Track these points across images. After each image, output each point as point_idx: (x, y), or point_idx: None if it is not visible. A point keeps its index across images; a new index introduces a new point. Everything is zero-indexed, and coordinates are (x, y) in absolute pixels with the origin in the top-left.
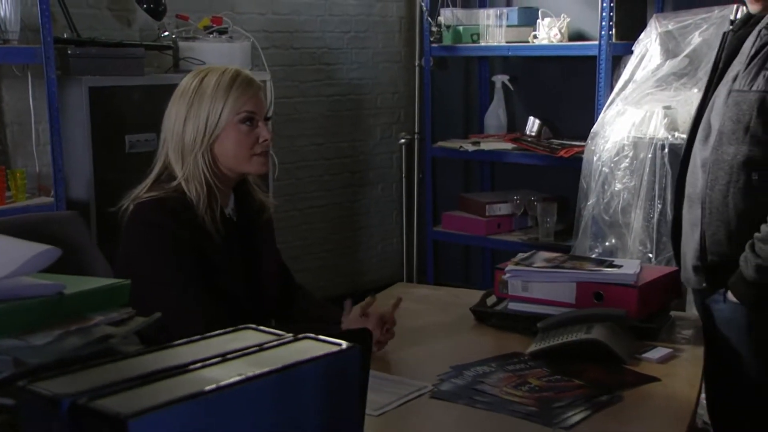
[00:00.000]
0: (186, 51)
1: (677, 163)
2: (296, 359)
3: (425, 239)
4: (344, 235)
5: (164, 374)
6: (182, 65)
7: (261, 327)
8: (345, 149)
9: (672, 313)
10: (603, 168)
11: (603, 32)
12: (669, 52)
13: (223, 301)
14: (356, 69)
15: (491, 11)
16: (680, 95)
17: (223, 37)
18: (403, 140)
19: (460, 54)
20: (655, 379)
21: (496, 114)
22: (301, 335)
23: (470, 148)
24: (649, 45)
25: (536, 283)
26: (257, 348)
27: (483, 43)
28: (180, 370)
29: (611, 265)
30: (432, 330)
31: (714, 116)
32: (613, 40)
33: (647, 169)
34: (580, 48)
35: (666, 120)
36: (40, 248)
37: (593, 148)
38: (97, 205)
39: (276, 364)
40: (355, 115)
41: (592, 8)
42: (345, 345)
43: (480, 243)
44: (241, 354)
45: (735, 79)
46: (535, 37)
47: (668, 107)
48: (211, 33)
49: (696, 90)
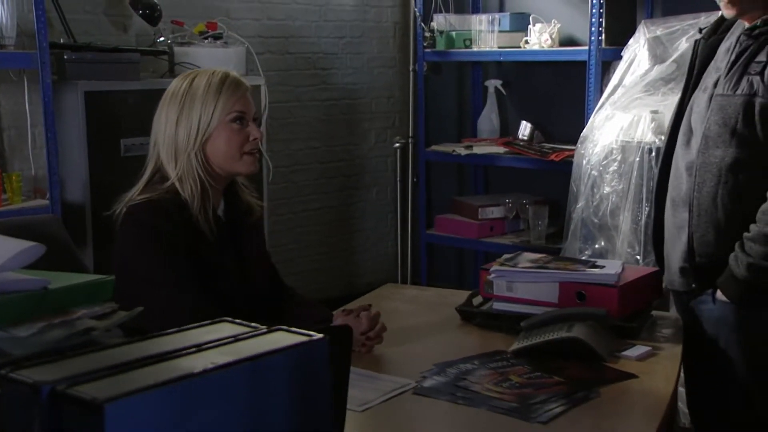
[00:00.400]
0: (181, 56)
1: None
2: (267, 349)
3: (419, 242)
4: (339, 238)
5: (141, 363)
6: (177, 70)
7: (237, 320)
8: (340, 153)
9: (653, 313)
10: (592, 171)
11: (593, 38)
12: (657, 58)
13: (216, 301)
14: (351, 74)
15: (483, 17)
16: (668, 100)
17: (218, 43)
18: (398, 144)
19: (453, 59)
20: (633, 376)
21: (489, 118)
22: (275, 327)
23: (463, 152)
24: (638, 50)
25: (520, 284)
26: (232, 339)
27: (475, 49)
28: (156, 359)
29: (594, 266)
30: (418, 329)
31: (695, 120)
32: (603, 46)
33: (635, 173)
34: (571, 53)
35: (653, 124)
36: (26, 245)
37: (583, 152)
38: (93, 208)
39: (248, 354)
40: (350, 120)
41: (583, 14)
42: (314, 336)
43: (472, 246)
44: (216, 345)
45: (716, 85)
46: (527, 43)
47: (655, 111)
48: (206, 38)
49: None
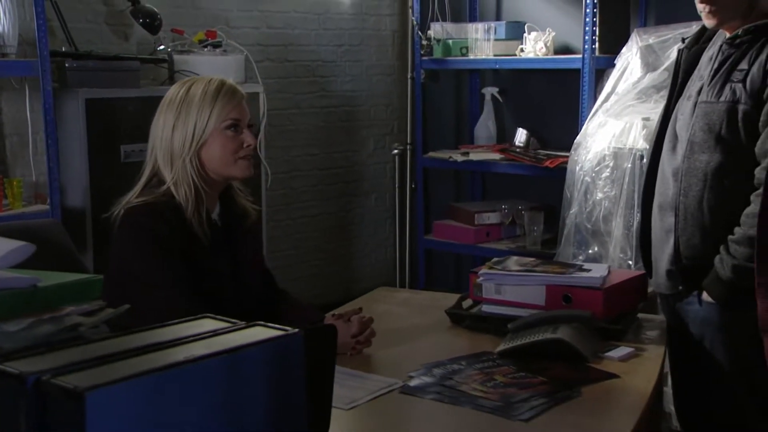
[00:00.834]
0: (181, 64)
1: None
2: (244, 342)
3: (417, 248)
4: (338, 244)
5: (123, 355)
6: (177, 78)
7: (219, 317)
8: (339, 160)
9: (640, 316)
10: (585, 177)
11: (586, 46)
12: (649, 66)
13: (210, 303)
14: (350, 81)
15: (480, 25)
16: (659, 107)
17: (217, 51)
18: (396, 151)
19: (450, 67)
20: (615, 376)
21: (486, 125)
22: (253, 322)
23: (459, 159)
24: (630, 58)
25: (508, 286)
26: (211, 333)
27: (472, 57)
28: (138, 352)
29: (580, 269)
30: (408, 331)
31: (680, 127)
32: (597, 54)
33: (627, 179)
34: (565, 61)
35: (644, 131)
36: (16, 244)
37: (576, 159)
38: (93, 213)
39: (225, 347)
40: (349, 127)
41: (577, 22)
42: (290, 331)
43: (469, 251)
44: (196, 338)
45: (700, 92)
46: (522, 51)
47: (647, 119)
48: (206, 46)
49: None
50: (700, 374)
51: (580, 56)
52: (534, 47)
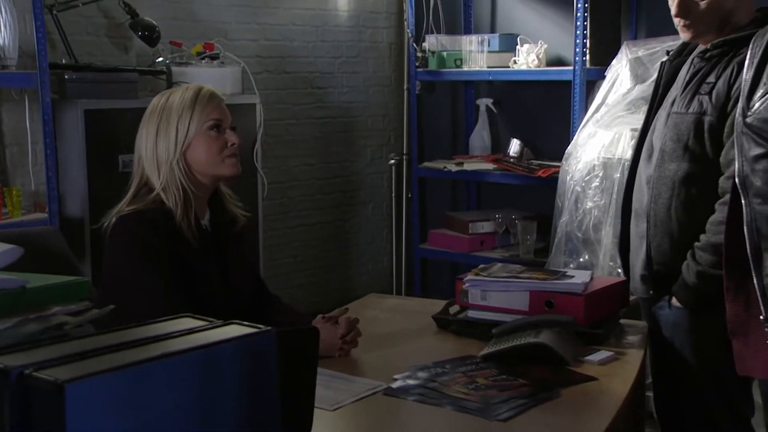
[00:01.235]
0: (179, 75)
1: None
2: (218, 339)
3: (413, 256)
4: (335, 253)
5: (103, 351)
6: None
7: (197, 316)
8: (336, 169)
9: (622, 321)
10: (576, 187)
11: (577, 58)
12: (638, 78)
13: (199, 307)
14: (347, 92)
15: (473, 37)
16: None
17: (215, 62)
18: (393, 161)
19: (444, 78)
20: (593, 379)
21: (481, 136)
22: (229, 321)
23: (454, 169)
24: (620, 70)
25: (493, 292)
26: (188, 331)
27: (466, 68)
28: (118, 348)
29: (563, 276)
30: (395, 336)
31: (656, 137)
32: (588, 66)
33: (616, 188)
34: (556, 73)
35: (633, 141)
36: (5, 247)
37: (567, 169)
38: (91, 221)
39: (200, 343)
40: (347, 137)
41: (569, 35)
42: (263, 328)
43: (464, 260)
44: (174, 336)
45: (673, 103)
46: (515, 63)
47: (636, 129)
48: (203, 58)
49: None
50: (673, 376)
51: (572, 68)
52: (526, 59)
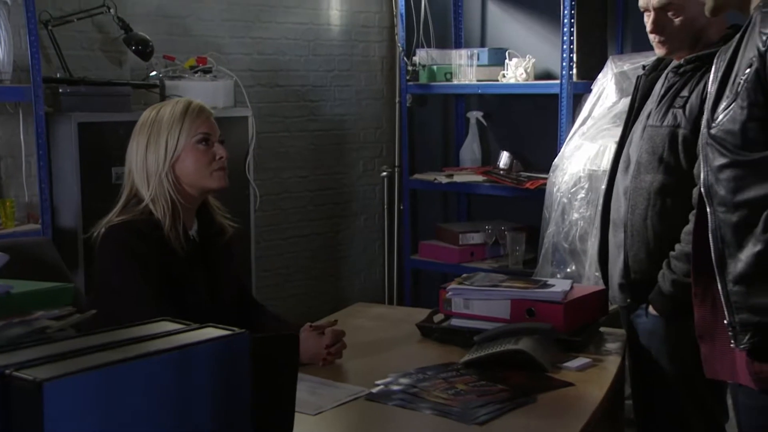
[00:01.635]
0: (172, 89)
1: None
2: (192, 341)
3: (404, 267)
4: (328, 264)
5: (82, 352)
6: None
7: (176, 319)
8: (329, 182)
9: (603, 329)
10: (562, 198)
11: (564, 72)
12: (623, 91)
13: (187, 316)
14: (339, 105)
15: (463, 51)
16: None
17: (208, 76)
18: (385, 173)
19: (435, 92)
20: (570, 384)
21: (471, 148)
22: (205, 324)
23: (444, 180)
24: (606, 84)
25: (476, 301)
26: (165, 333)
27: (456, 82)
28: (96, 349)
29: (544, 285)
30: (380, 344)
31: (632, 150)
32: (575, 80)
33: (601, 200)
34: (544, 86)
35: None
36: None
37: (554, 181)
38: (85, 232)
39: (175, 345)
40: (339, 149)
41: (557, 49)
42: (236, 331)
43: (454, 270)
44: (152, 338)
45: (649, 116)
46: (504, 76)
47: None
48: (196, 72)
49: None
50: (649, 382)
51: (559, 82)
52: (515, 73)
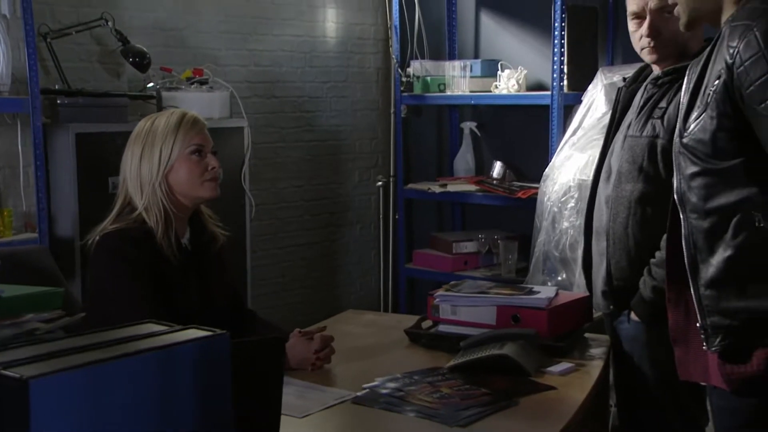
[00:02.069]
0: (168, 100)
1: None
2: (174, 341)
3: (399, 276)
4: (324, 272)
5: (68, 352)
6: None
7: (160, 321)
8: (324, 191)
9: (587, 335)
10: (552, 208)
11: (554, 83)
12: (612, 102)
13: (178, 321)
14: (335, 116)
15: (457, 63)
16: None
17: (204, 87)
18: (380, 183)
19: (428, 102)
20: (552, 388)
21: (465, 158)
22: (188, 326)
23: (437, 190)
24: (596, 95)
25: (462, 307)
26: (149, 334)
27: (449, 93)
28: (81, 349)
29: (530, 292)
30: (369, 349)
31: (614, 160)
32: (565, 91)
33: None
34: (535, 97)
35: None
36: None
37: (545, 190)
38: (82, 242)
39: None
40: (335, 159)
41: (549, 61)
42: (217, 332)
43: (448, 279)
44: (136, 338)
45: (629, 127)
46: (496, 87)
47: None
48: (193, 83)
49: None
50: (632, 386)
51: (550, 93)
52: (507, 84)
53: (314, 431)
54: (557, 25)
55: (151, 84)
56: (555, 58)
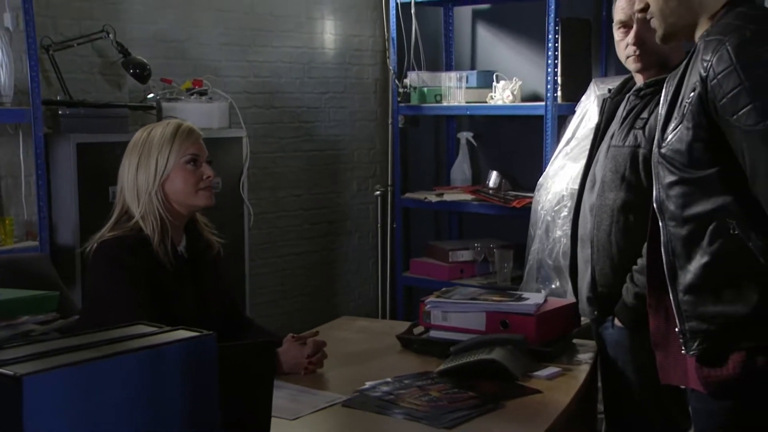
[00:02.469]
0: (168, 111)
1: None
2: (163, 341)
3: (396, 284)
4: (322, 281)
5: (60, 351)
6: None
7: (151, 323)
8: (323, 200)
9: (576, 340)
10: (546, 216)
11: (548, 94)
12: None
13: (174, 326)
14: (334, 126)
15: (453, 74)
16: None
17: (203, 98)
18: (378, 192)
19: (425, 113)
20: (538, 392)
21: (462, 168)
22: (177, 327)
23: (434, 199)
24: (589, 106)
25: (453, 313)
26: (140, 335)
27: (445, 103)
28: (74, 349)
29: (519, 298)
30: (361, 354)
31: (598, 169)
32: (559, 102)
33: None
34: (529, 108)
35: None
36: None
37: (538, 199)
38: (82, 250)
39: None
40: (333, 169)
41: (543, 72)
42: (204, 333)
43: (444, 287)
44: (126, 339)
45: (613, 137)
46: (492, 98)
47: None
48: (192, 94)
49: None
50: (617, 391)
51: (544, 104)
52: (502, 95)
53: None
54: (551, 37)
55: (152, 95)
56: (549, 70)
